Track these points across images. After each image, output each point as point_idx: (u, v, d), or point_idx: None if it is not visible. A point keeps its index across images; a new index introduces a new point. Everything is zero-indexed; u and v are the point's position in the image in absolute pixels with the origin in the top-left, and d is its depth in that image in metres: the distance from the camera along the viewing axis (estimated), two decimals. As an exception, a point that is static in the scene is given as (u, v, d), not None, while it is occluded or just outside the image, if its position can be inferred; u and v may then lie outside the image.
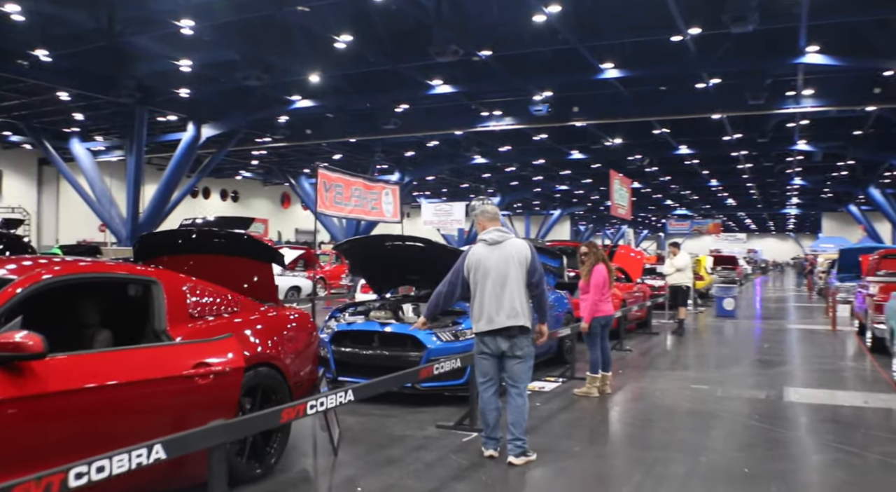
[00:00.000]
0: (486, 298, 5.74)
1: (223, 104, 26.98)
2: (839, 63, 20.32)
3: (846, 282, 18.01)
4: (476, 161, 37.31)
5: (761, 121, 29.12)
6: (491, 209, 6.07)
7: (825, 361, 11.51)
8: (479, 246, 5.92)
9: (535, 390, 8.70)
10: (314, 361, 6.09)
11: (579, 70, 22.00)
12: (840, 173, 43.01)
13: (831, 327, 16.05)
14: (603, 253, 8.79)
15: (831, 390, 8.84)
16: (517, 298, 5.71)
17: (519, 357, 5.74)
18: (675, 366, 11.10)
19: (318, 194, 11.26)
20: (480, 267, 5.78)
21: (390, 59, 20.89)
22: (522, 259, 5.76)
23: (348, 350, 8.06)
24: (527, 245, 5.93)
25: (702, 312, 20.53)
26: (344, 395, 4.79)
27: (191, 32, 18.71)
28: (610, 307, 8.65)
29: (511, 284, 5.70)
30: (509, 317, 5.67)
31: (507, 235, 5.91)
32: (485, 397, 5.86)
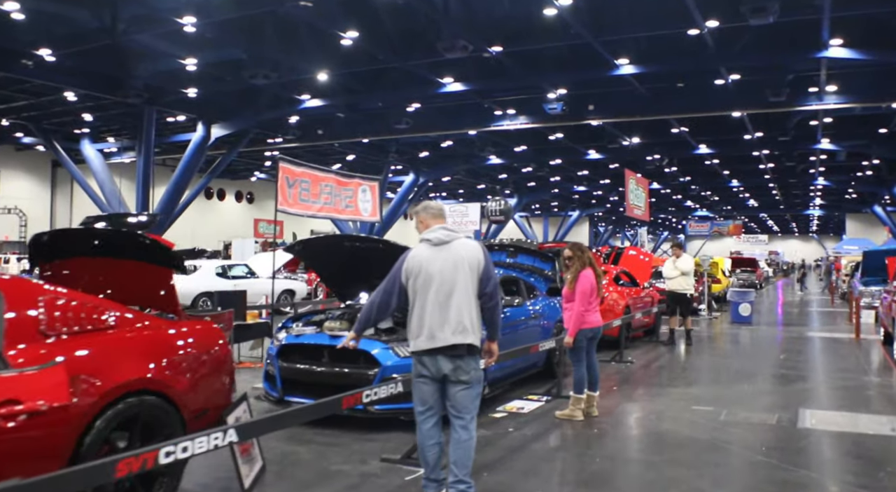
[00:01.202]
0: (427, 310, 4.63)
1: (232, 104, 26.17)
2: (864, 57, 18.92)
3: (871, 286, 16.60)
4: (492, 161, 36.16)
5: (783, 119, 27.67)
6: (435, 205, 4.98)
7: (847, 376, 10.18)
8: (421, 247, 4.81)
9: (514, 410, 7.57)
10: (224, 384, 5.00)
11: (594, 66, 20.83)
12: (864, 173, 41.16)
13: (854, 336, 14.61)
14: (591, 256, 7.58)
15: (853, 414, 7.57)
16: (466, 311, 4.61)
17: (464, 383, 4.62)
18: (678, 381, 9.86)
19: (279, 190, 10.17)
20: (422, 272, 4.68)
21: (399, 56, 20.00)
22: (474, 264, 4.67)
23: (295, 366, 6.96)
24: (479, 247, 4.81)
25: (716, 318, 19.12)
26: (222, 436, 3.69)
27: (193, 30, 18.04)
28: (598, 318, 7.47)
29: (459, 294, 4.61)
30: (455, 333, 4.57)
31: (455, 235, 4.79)
32: (424, 429, 4.71)
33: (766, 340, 14.91)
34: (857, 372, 10.53)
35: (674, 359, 11.81)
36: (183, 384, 4.51)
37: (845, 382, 9.62)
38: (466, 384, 4.63)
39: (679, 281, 13.30)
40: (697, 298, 19.23)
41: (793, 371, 10.51)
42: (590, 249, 12.55)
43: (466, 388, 4.64)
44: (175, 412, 4.40)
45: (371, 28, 18.65)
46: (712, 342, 14.66)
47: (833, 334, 15.62)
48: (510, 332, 8.22)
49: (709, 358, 12.38)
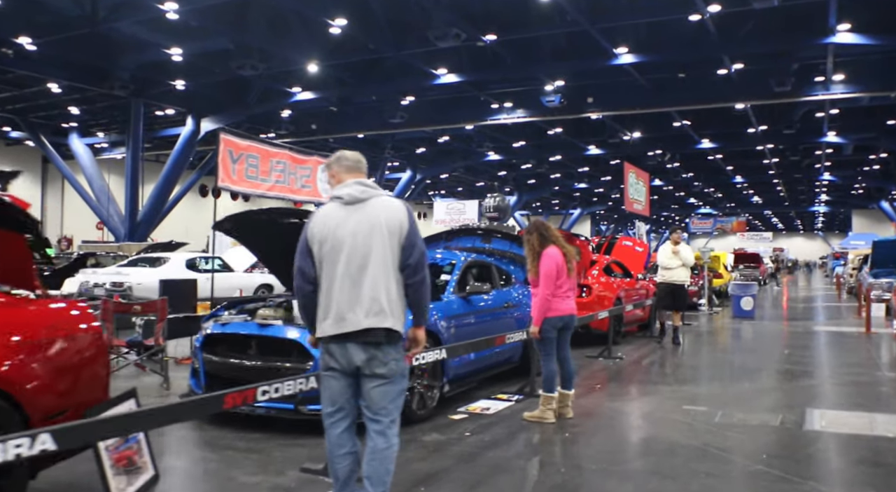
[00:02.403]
0: (335, 286, 3.65)
1: (222, 97, 25.32)
2: (872, 42, 17.98)
3: (881, 277, 15.51)
4: (490, 158, 35.22)
5: (788, 110, 26.66)
6: (351, 155, 3.94)
7: (859, 371, 9.06)
8: (330, 206, 3.80)
9: (476, 411, 6.55)
10: (95, 378, 4.04)
11: (592, 55, 19.94)
12: (871, 167, 40.02)
13: (865, 329, 13.43)
14: (556, 234, 6.48)
15: (868, 413, 6.49)
16: (383, 287, 3.63)
17: (381, 377, 3.62)
18: (670, 378, 8.79)
19: (219, 165, 9.15)
20: (329, 237, 3.67)
21: (390, 45, 19.19)
22: (394, 227, 3.67)
23: (221, 359, 5.97)
24: (403, 207, 3.79)
25: (717, 313, 18.01)
26: (28, 443, 2.73)
27: (176, 17, 17.39)
28: (569, 305, 6.37)
29: (375, 266, 3.63)
30: (369, 315, 3.59)
31: (373, 191, 3.78)
32: (332, 436, 3.70)
33: (769, 335, 13.76)
34: (870, 367, 9.42)
35: (668, 355, 10.71)
36: (29, 378, 3.55)
37: (857, 377, 8.52)
38: (384, 379, 3.63)
39: (678, 272, 11.64)
40: (697, 293, 18.18)
41: (798, 367, 9.39)
42: (579, 236, 11.57)
43: (384, 383, 3.64)
44: (16, 412, 3.44)
45: (360, 16, 17.95)
46: (712, 337, 13.58)
47: (841, 328, 14.47)
48: (477, 323, 7.23)
49: (707, 354, 11.31)
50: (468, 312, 7.12)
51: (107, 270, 15.10)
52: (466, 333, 6.83)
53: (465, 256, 7.94)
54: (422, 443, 5.48)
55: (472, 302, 7.23)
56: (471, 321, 7.12)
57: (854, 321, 15.75)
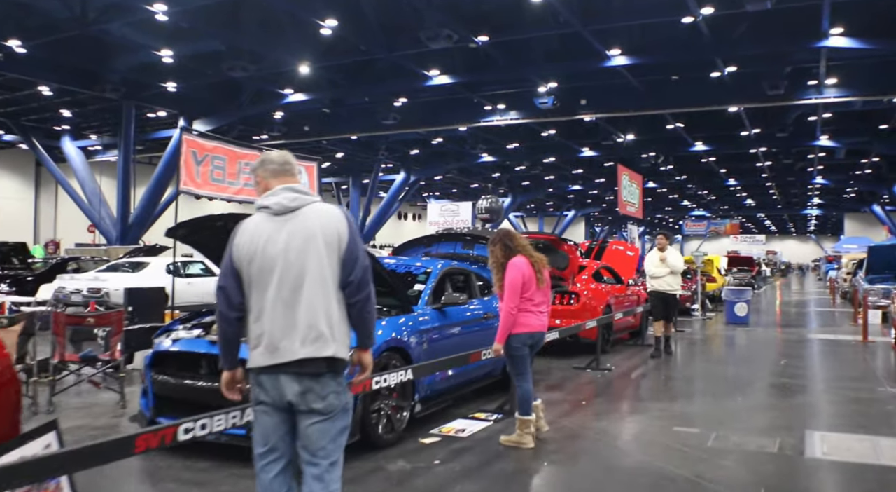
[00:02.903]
0: (266, 311, 3.09)
1: (214, 99, 24.79)
2: (865, 46, 17.49)
3: (876, 283, 14.94)
4: (484, 159, 34.64)
5: (781, 114, 26.16)
6: (277, 157, 3.35)
7: (859, 385, 8.46)
8: (256, 219, 3.24)
9: (451, 434, 5.95)
10: None
11: (584, 57, 19.45)
12: (864, 171, 39.45)
13: (862, 338, 12.82)
14: (523, 242, 5.84)
15: (871, 437, 5.89)
16: (322, 310, 3.08)
17: (319, 413, 3.06)
18: (661, 394, 8.17)
19: (182, 167, 8.53)
20: (257, 256, 3.11)
21: (382, 47, 18.71)
22: (332, 239, 3.12)
23: (170, 380, 5.40)
24: (341, 214, 3.22)
25: (710, 319, 17.41)
26: None
27: (165, 18, 16.93)
28: (541, 321, 5.72)
29: (311, 285, 3.08)
30: (307, 343, 3.03)
31: (305, 198, 3.21)
32: (265, 481, 3.12)
33: (763, 344, 13.12)
34: (870, 381, 8.80)
35: (659, 366, 10.09)
36: None
37: (857, 393, 7.92)
38: (322, 415, 3.06)
39: (668, 280, 10.76)
40: (690, 298, 17.60)
41: (795, 380, 8.79)
42: (567, 241, 10.97)
43: (322, 420, 3.06)
44: None
45: (351, 17, 17.49)
46: (705, 345, 12.95)
47: (837, 336, 13.85)
48: (454, 336, 6.65)
49: (699, 364, 10.69)
50: (444, 325, 6.52)
51: (85, 275, 14.49)
52: (442, 347, 6.26)
53: (443, 263, 7.34)
54: (386, 473, 4.90)
55: (448, 314, 6.63)
56: (446, 334, 6.53)
57: (850, 328, 15.17)
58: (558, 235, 45.46)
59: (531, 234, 11.41)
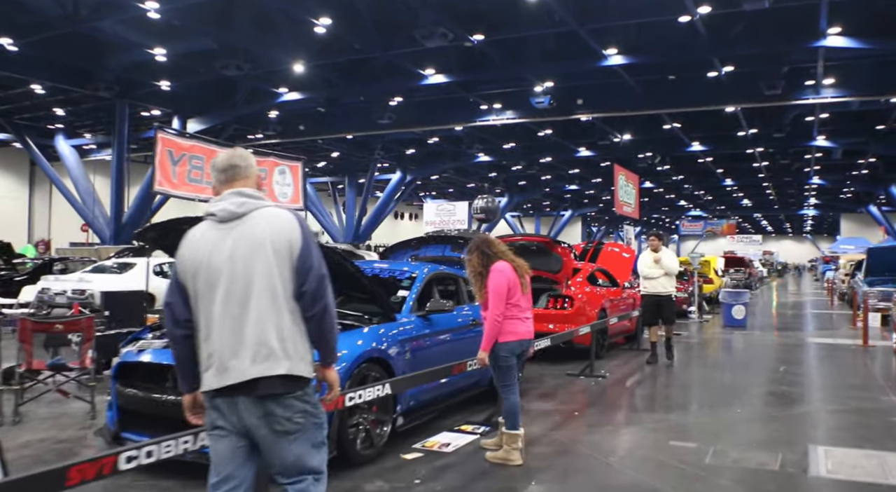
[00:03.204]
0: (215, 328, 2.79)
1: (208, 98, 24.47)
2: (863, 45, 17.22)
3: (876, 286, 14.60)
4: (480, 159, 34.29)
5: (778, 114, 25.83)
6: (223, 160, 3.01)
7: (861, 394, 8.09)
8: (203, 226, 2.95)
9: (434, 448, 5.61)
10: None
11: (581, 57, 19.14)
12: (860, 172, 39.13)
13: (862, 342, 12.44)
14: (502, 248, 5.49)
15: (878, 453, 5.53)
16: (272, 324, 2.78)
17: (287, 433, 2.78)
18: (656, 404, 7.80)
19: (157, 167, 8.14)
20: (202, 267, 2.83)
21: (377, 46, 18.40)
22: (282, 246, 2.83)
23: (133, 392, 5.04)
24: (293, 219, 2.92)
25: (707, 322, 17.06)
26: None
27: (158, 16, 16.65)
28: (528, 328, 5.40)
29: (260, 297, 2.78)
30: (257, 360, 2.73)
31: (255, 203, 2.91)
32: None
33: (762, 348, 12.70)
34: (873, 389, 8.43)
35: (655, 373, 9.68)
36: None
37: (860, 403, 7.57)
38: (291, 434, 2.78)
39: (661, 282, 10.17)
40: (686, 300, 17.24)
41: (795, 388, 8.43)
42: (560, 242, 10.61)
43: (294, 440, 2.79)
44: None
45: (346, 15, 17.18)
46: (702, 350, 12.54)
47: (837, 340, 13.47)
48: (440, 344, 6.30)
49: (696, 371, 10.25)
50: (429, 334, 6.17)
51: (70, 276, 14.12)
52: (426, 357, 5.92)
53: (429, 267, 6.99)
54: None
55: (434, 321, 6.28)
56: (432, 343, 6.17)
57: (849, 332, 14.80)
58: (555, 234, 45.41)
59: (524, 236, 11.06)
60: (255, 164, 3.09)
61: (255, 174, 3.05)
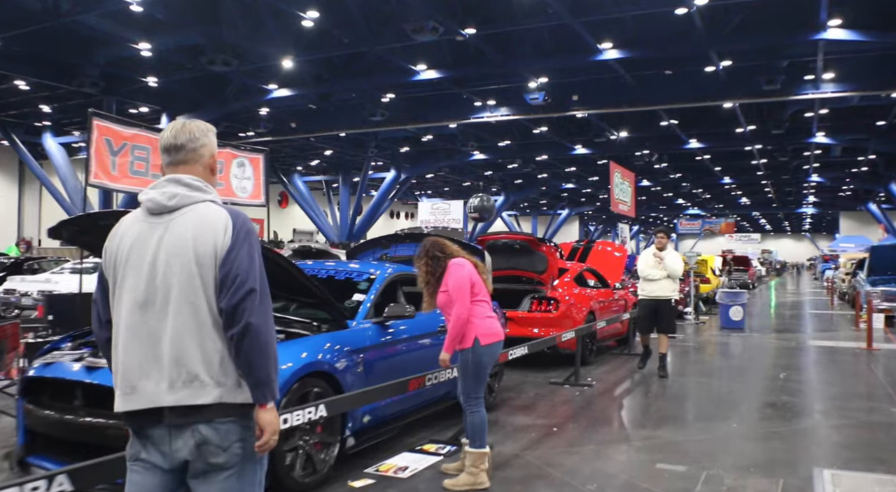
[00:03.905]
0: (122, 338, 2.34)
1: (197, 94, 23.82)
2: (864, 38, 16.61)
3: (880, 285, 13.89)
4: (476, 157, 33.56)
5: (777, 110, 25.16)
6: (169, 136, 2.48)
7: (870, 405, 7.35)
8: (132, 217, 2.48)
9: (389, 473, 4.88)
10: None
11: (575, 51, 18.50)
12: (860, 169, 38.42)
13: (866, 345, 11.66)
14: (455, 248, 4.90)
15: (892, 477, 4.81)
16: (195, 343, 2.30)
17: (223, 468, 2.29)
18: (645, 416, 7.07)
19: (92, 158, 7.35)
20: (121, 264, 2.38)
21: (367, 40, 17.73)
22: (205, 251, 2.32)
23: (41, 411, 4.34)
24: (225, 219, 2.37)
25: (704, 323, 16.30)
26: None
27: (140, 9, 16.00)
28: (498, 327, 4.75)
29: (179, 310, 2.31)
30: (175, 386, 2.27)
31: (192, 195, 2.39)
32: None
33: (760, 352, 11.89)
34: (882, 399, 7.68)
35: (646, 381, 8.83)
36: None
37: (869, 415, 6.83)
38: (227, 470, 2.29)
39: (663, 285, 9.02)
40: (683, 300, 16.46)
41: (797, 398, 7.68)
42: (545, 241, 9.89)
43: (229, 476, 2.30)
44: None
45: (333, 7, 16.52)
46: (697, 355, 11.72)
47: (839, 343, 12.68)
48: (400, 354, 5.57)
49: (691, 378, 9.34)
50: (387, 342, 5.45)
51: (37, 277, 13.45)
52: (384, 369, 5.20)
53: (394, 267, 6.26)
54: (294, 534, 3.88)
55: (394, 328, 5.57)
56: (390, 353, 5.45)
57: (852, 334, 14.02)
58: (552, 233, 44.63)
59: (507, 234, 10.30)
60: (212, 142, 2.55)
61: (207, 156, 2.51)
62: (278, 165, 36.99)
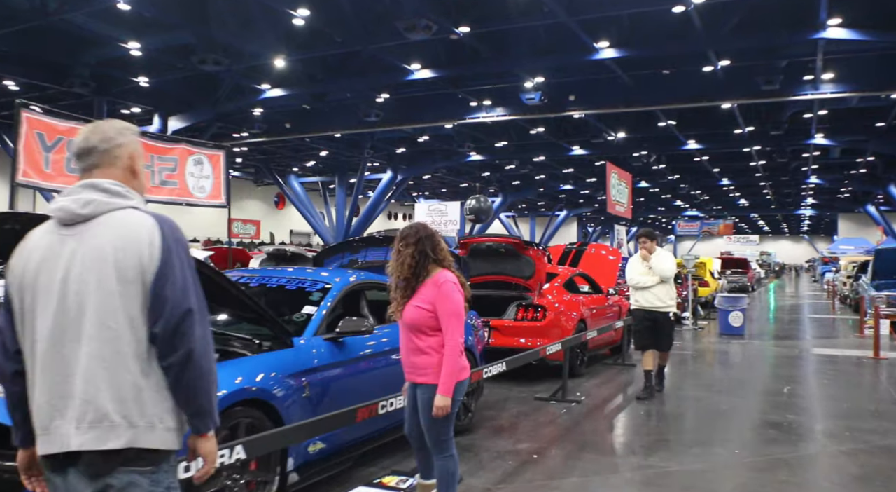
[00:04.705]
0: (38, 370, 2.00)
1: (189, 95, 23.24)
2: (864, 37, 15.96)
3: (885, 290, 13.17)
4: (472, 158, 32.97)
5: (776, 110, 24.49)
6: (81, 139, 2.13)
7: (885, 425, 6.57)
8: (43, 228, 2.11)
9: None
10: None
11: (571, 50, 17.88)
12: (859, 171, 37.82)
13: (873, 354, 10.90)
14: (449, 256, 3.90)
15: None
16: (107, 377, 1.94)
17: None
18: (636, 439, 6.31)
19: (21, 154, 6.55)
20: (30, 284, 2.04)
21: (360, 39, 17.16)
22: (129, 266, 1.98)
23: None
24: (151, 228, 2.03)
25: (703, 328, 15.53)
26: None
27: (128, 7, 15.40)
28: (465, 360, 3.90)
29: (92, 336, 1.95)
30: (82, 426, 1.92)
31: (109, 202, 2.04)
32: None
33: (761, 362, 11.11)
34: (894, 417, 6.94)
35: (637, 396, 7.89)
36: None
37: (885, 438, 6.07)
38: None
39: (657, 293, 7.88)
40: (681, 305, 15.65)
41: (803, 417, 6.93)
42: (533, 244, 9.10)
43: None
44: None
45: (325, 5, 15.92)
46: (695, 365, 10.93)
47: (844, 351, 11.90)
48: (350, 377, 4.81)
49: (688, 392, 8.47)
50: (340, 362, 4.71)
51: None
52: (336, 393, 4.50)
53: (356, 275, 5.53)
54: None
55: (349, 346, 4.84)
56: (344, 375, 4.71)
57: (856, 341, 13.26)
58: (549, 235, 43.86)
59: (492, 237, 9.55)
60: (130, 142, 2.19)
61: (124, 157, 2.16)
62: (274, 166, 36.43)
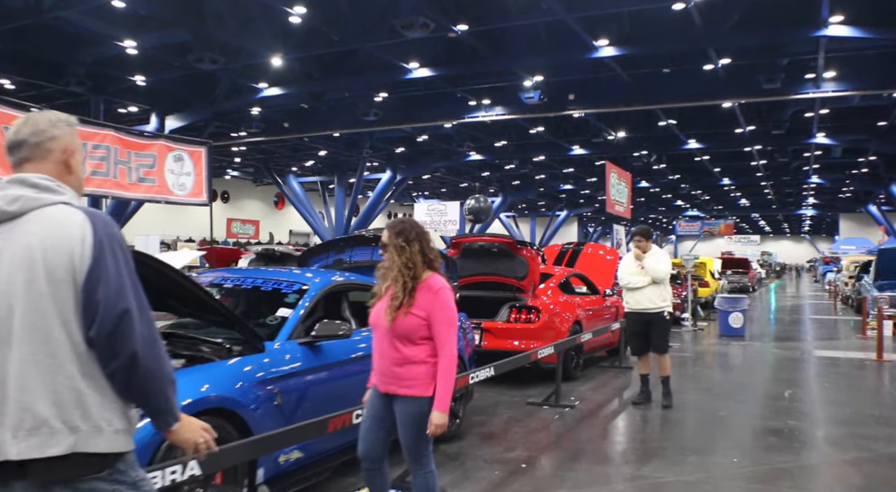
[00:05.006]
0: None
1: (187, 93, 23.00)
2: (866, 35, 15.65)
3: (888, 290, 12.89)
4: (472, 158, 32.74)
5: (777, 109, 24.19)
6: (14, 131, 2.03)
7: (890, 432, 6.30)
8: None
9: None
10: None
11: (571, 48, 17.63)
12: (860, 170, 37.50)
13: (876, 356, 10.62)
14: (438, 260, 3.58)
15: None
16: (42, 382, 1.81)
17: None
18: (631, 447, 6.04)
19: None
20: None
21: (357, 37, 16.92)
22: (59, 265, 1.85)
23: None
24: (83, 225, 1.88)
25: (702, 330, 15.23)
26: None
27: (123, 5, 15.29)
28: None
29: (24, 341, 1.82)
30: (20, 433, 1.77)
31: (38, 198, 1.92)
32: None
33: (763, 365, 10.80)
34: None
35: (633, 401, 7.61)
36: None
37: (890, 446, 5.80)
38: None
39: (648, 294, 7.50)
40: (680, 306, 15.36)
41: (805, 423, 6.67)
42: (527, 244, 8.84)
43: None
44: None
45: (321, 3, 15.72)
46: (694, 368, 10.62)
47: (846, 353, 11.60)
48: (326, 383, 4.53)
49: (686, 396, 8.02)
50: (315, 368, 4.44)
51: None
52: (311, 400, 4.24)
53: (338, 275, 5.26)
54: None
55: (326, 351, 4.56)
56: (319, 381, 4.44)
57: (859, 342, 12.96)
58: (550, 235, 43.57)
59: (484, 236, 9.28)
60: (64, 134, 2.06)
61: (57, 150, 2.04)
62: (273, 166, 36.22)
